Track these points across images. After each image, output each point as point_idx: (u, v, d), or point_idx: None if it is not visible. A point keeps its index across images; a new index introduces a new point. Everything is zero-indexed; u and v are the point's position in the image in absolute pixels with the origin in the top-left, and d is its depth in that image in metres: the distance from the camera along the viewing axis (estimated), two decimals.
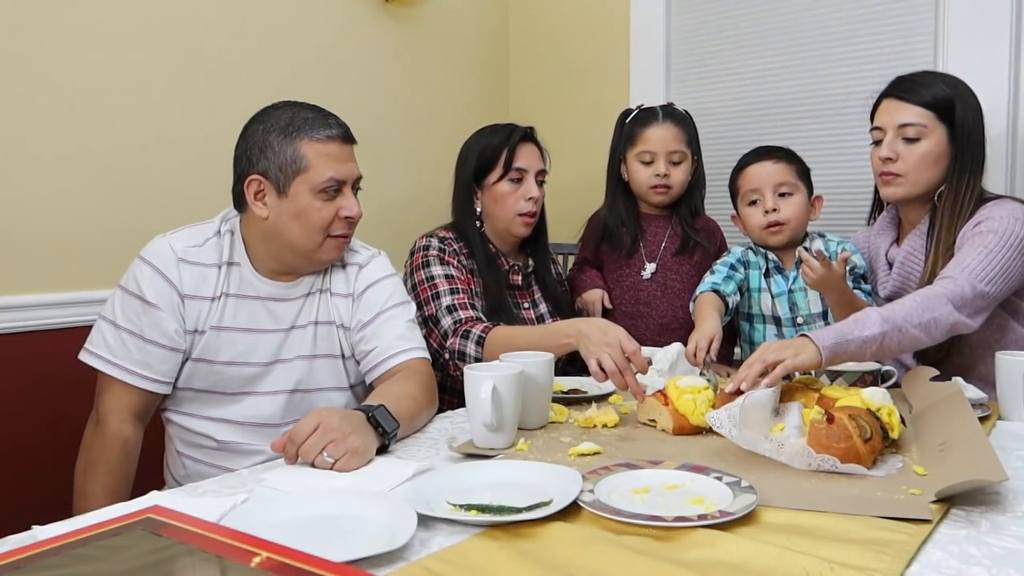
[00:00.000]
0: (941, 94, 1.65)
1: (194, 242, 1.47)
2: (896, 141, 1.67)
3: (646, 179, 2.01)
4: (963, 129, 1.64)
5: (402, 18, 2.56)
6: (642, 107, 2.08)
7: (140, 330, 1.41)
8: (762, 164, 1.83)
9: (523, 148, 1.91)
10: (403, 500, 0.93)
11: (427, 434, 1.34)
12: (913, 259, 1.71)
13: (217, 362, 1.46)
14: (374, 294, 1.56)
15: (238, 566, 0.64)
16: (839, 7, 2.31)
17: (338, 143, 1.47)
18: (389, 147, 2.52)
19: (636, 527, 0.87)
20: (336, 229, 1.48)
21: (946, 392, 1.34)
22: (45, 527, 0.88)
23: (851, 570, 0.77)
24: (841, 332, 1.36)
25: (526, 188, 1.89)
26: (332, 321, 1.55)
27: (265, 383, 1.50)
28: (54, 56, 1.77)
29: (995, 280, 1.50)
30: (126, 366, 1.41)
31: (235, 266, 1.49)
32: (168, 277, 1.42)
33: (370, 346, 1.53)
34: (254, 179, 1.44)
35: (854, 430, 1.08)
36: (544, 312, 1.98)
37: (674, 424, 1.30)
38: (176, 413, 1.51)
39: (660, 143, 1.99)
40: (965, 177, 1.64)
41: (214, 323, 1.45)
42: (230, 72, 2.09)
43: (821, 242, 1.84)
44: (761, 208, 1.82)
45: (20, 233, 1.74)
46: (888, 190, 1.70)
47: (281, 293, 1.51)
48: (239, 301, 1.48)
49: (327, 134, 1.45)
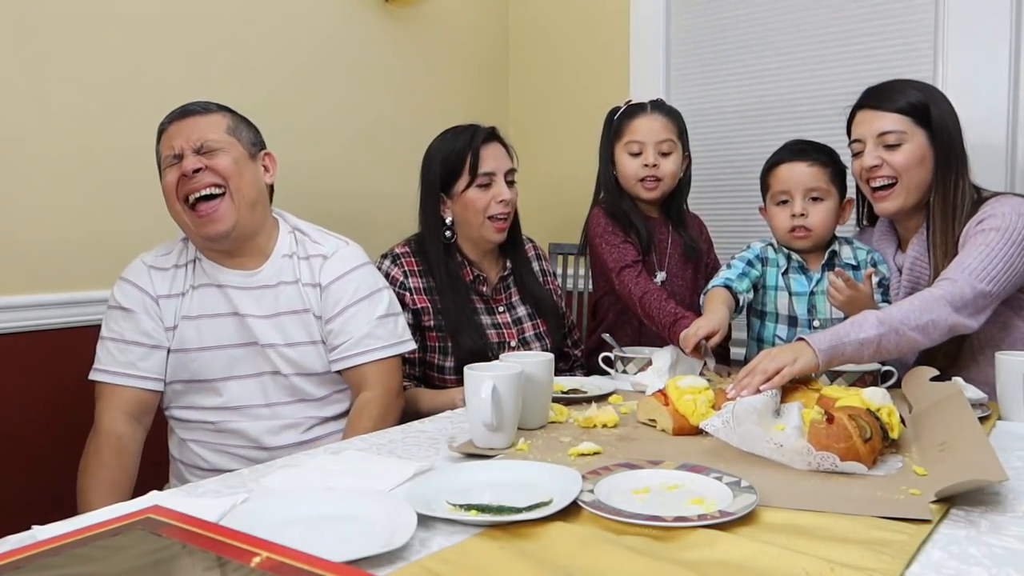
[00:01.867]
0: (915, 99, 1.65)
1: (163, 252, 1.60)
2: (878, 149, 1.66)
3: (634, 171, 1.95)
4: (942, 130, 1.63)
5: (402, 18, 2.56)
6: (630, 102, 2.03)
7: (121, 335, 1.52)
8: (795, 165, 1.78)
9: (487, 150, 1.84)
10: (403, 500, 0.93)
11: (427, 434, 1.34)
12: (920, 263, 1.70)
13: (191, 350, 1.54)
14: (340, 288, 1.60)
15: (238, 566, 0.64)
16: (839, 7, 2.31)
17: (176, 122, 1.53)
18: (388, 146, 2.52)
19: (636, 527, 0.87)
20: (181, 191, 1.50)
21: (946, 392, 1.34)
22: (45, 527, 0.88)
23: (851, 570, 0.77)
24: (837, 335, 1.36)
25: (496, 191, 1.83)
26: (307, 309, 1.59)
27: (242, 366, 1.56)
28: (54, 56, 1.77)
29: (997, 278, 1.49)
30: (111, 369, 1.51)
31: (196, 261, 1.58)
32: (139, 285, 1.55)
33: (338, 341, 1.59)
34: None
35: (854, 430, 1.08)
36: (523, 315, 1.94)
37: (674, 424, 1.30)
38: (174, 408, 1.59)
39: (648, 133, 1.93)
40: (951, 177, 1.64)
41: (184, 313, 1.55)
42: (230, 72, 2.09)
43: (849, 250, 1.80)
44: (789, 210, 1.78)
45: (20, 233, 1.74)
46: (884, 204, 1.69)
47: (241, 282, 1.57)
48: (204, 290, 1.57)
49: (169, 118, 1.54)
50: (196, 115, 1.53)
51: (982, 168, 1.74)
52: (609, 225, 1.96)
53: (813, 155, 1.79)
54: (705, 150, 2.53)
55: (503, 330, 1.90)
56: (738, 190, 2.47)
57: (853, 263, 1.79)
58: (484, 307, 1.90)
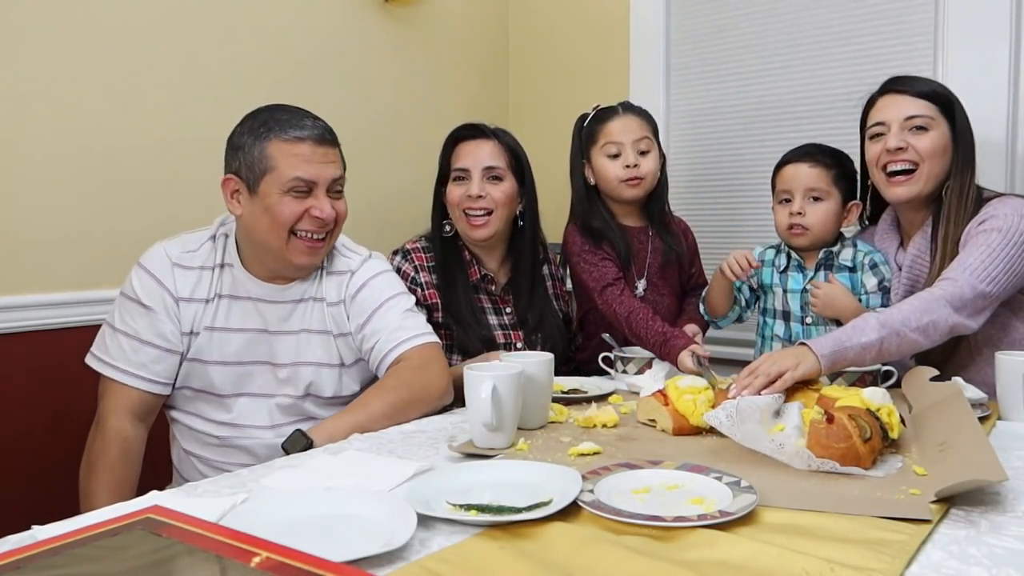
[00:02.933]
0: (940, 89, 1.67)
1: (189, 247, 1.52)
2: (903, 133, 1.65)
3: (615, 173, 1.90)
4: (964, 128, 1.65)
5: (402, 18, 2.56)
6: (599, 107, 2.00)
7: (136, 332, 1.46)
8: (798, 165, 1.80)
9: (465, 146, 1.88)
10: (403, 500, 0.93)
11: (427, 434, 1.34)
12: (920, 261, 1.70)
13: (209, 362, 1.50)
14: (367, 293, 1.58)
15: (238, 566, 0.64)
16: (839, 7, 2.30)
17: (310, 144, 1.47)
18: (388, 147, 2.52)
19: (636, 527, 0.87)
20: (303, 227, 1.48)
21: (946, 392, 1.34)
22: (45, 527, 0.88)
23: (851, 570, 0.77)
24: (839, 340, 1.37)
25: (467, 187, 1.85)
26: (328, 331, 1.56)
27: (254, 384, 1.52)
28: (53, 56, 1.77)
29: (997, 279, 1.49)
30: (123, 367, 1.46)
31: (228, 267, 1.52)
32: (162, 282, 1.47)
33: (371, 344, 1.55)
34: (229, 178, 1.49)
35: (854, 430, 1.08)
36: (528, 318, 1.93)
37: (674, 424, 1.30)
38: (179, 412, 1.55)
39: (625, 133, 1.90)
40: (968, 174, 1.65)
41: (207, 324, 1.49)
42: (230, 72, 2.09)
43: (850, 252, 1.81)
44: (789, 208, 1.80)
45: (20, 233, 1.74)
46: (900, 190, 1.67)
47: (273, 295, 1.53)
48: (232, 302, 1.51)
49: (296, 135, 1.46)
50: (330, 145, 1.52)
51: (982, 167, 1.74)
52: (585, 243, 1.92)
53: (818, 156, 1.80)
54: (705, 150, 2.52)
55: (510, 331, 1.90)
56: (739, 190, 2.46)
57: (850, 264, 1.79)
58: (492, 307, 1.90)
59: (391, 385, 1.46)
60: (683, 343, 1.70)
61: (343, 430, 1.35)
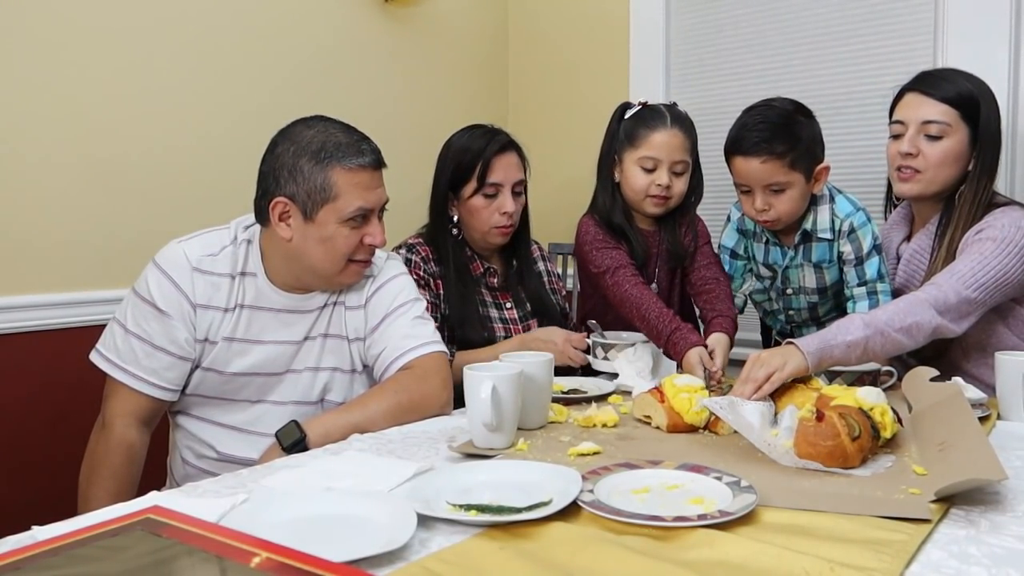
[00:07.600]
0: (966, 92, 1.64)
1: (209, 251, 1.45)
2: (918, 137, 1.66)
3: (644, 187, 1.83)
4: (986, 131, 1.63)
5: (402, 18, 2.56)
6: (646, 104, 1.87)
7: (150, 336, 1.40)
8: (749, 162, 1.70)
9: (499, 160, 1.82)
10: (403, 500, 0.93)
11: (427, 434, 1.34)
12: (919, 257, 1.72)
13: (227, 372, 1.45)
14: (380, 297, 1.55)
15: (238, 566, 0.64)
16: (839, 7, 2.31)
17: (369, 172, 1.44)
18: (388, 147, 2.49)
19: (636, 527, 0.87)
20: (359, 255, 1.47)
21: (946, 392, 1.34)
22: (45, 527, 0.88)
23: (851, 570, 0.77)
24: (824, 338, 1.39)
25: (500, 202, 1.82)
26: (344, 335, 1.54)
27: (275, 393, 1.50)
28: (56, 58, 1.77)
29: (985, 286, 1.51)
30: (134, 371, 1.40)
31: (250, 276, 1.47)
32: (180, 286, 1.41)
33: (378, 350, 1.52)
34: (280, 201, 1.41)
35: (842, 428, 1.08)
36: (528, 312, 1.94)
37: (668, 421, 1.31)
38: (183, 416, 1.51)
39: (666, 151, 1.81)
40: (984, 180, 1.65)
41: (226, 334, 1.44)
42: (230, 73, 2.09)
43: (827, 214, 1.73)
44: (751, 200, 1.74)
45: (21, 233, 1.74)
46: (904, 186, 1.70)
47: (296, 305, 1.49)
48: (253, 312, 1.46)
49: (359, 162, 1.42)
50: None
51: None
52: (600, 232, 1.88)
53: (765, 148, 1.67)
54: (705, 150, 2.51)
55: (510, 325, 1.91)
56: None
57: (828, 237, 1.75)
58: (493, 301, 1.91)
59: (392, 389, 1.45)
60: (694, 340, 1.66)
61: (340, 428, 1.34)
